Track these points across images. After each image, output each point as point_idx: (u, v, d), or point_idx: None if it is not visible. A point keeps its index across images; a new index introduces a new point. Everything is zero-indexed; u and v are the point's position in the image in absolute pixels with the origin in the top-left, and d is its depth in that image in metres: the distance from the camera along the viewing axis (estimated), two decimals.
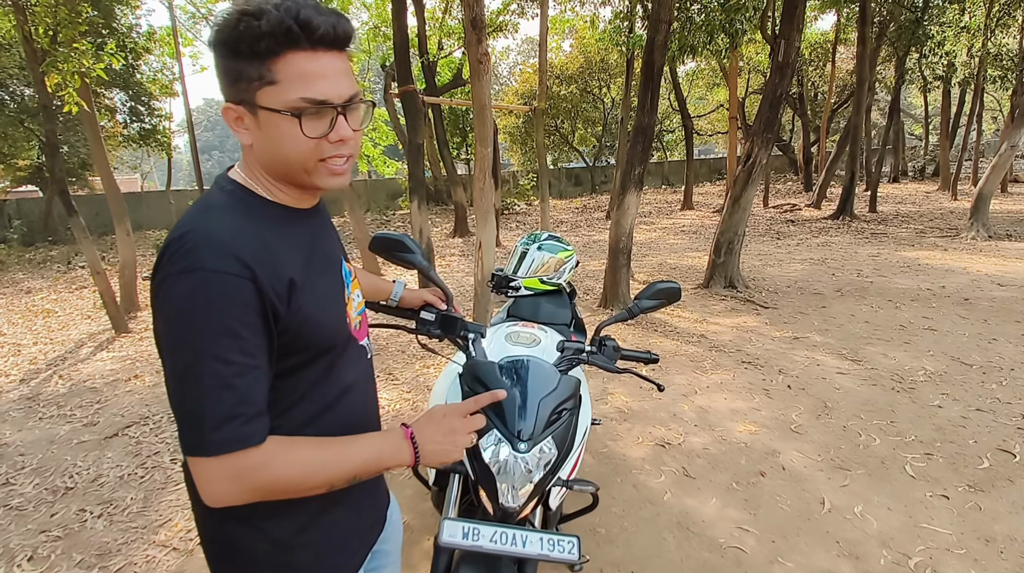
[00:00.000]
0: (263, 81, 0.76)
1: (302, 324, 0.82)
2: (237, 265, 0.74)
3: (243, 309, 0.74)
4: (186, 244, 0.74)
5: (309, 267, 0.85)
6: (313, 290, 0.84)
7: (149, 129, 16.89)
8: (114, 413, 3.82)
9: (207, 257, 0.73)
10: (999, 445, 2.88)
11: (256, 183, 0.85)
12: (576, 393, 1.37)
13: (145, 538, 2.45)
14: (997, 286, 5.99)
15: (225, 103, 0.80)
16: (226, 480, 0.75)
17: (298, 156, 0.80)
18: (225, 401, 0.73)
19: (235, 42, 0.75)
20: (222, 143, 59.42)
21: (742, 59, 17.22)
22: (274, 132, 0.79)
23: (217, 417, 0.72)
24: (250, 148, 0.83)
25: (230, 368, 0.73)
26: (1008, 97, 15.77)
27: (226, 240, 0.75)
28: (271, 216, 0.84)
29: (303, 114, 0.77)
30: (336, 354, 0.91)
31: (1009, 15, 13.52)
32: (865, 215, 12.39)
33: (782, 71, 5.84)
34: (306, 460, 0.81)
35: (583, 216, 15.78)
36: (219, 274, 0.73)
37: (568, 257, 2.43)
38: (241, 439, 0.74)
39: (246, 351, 0.74)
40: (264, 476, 0.77)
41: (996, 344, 4.29)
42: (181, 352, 0.73)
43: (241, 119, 0.80)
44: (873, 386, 3.66)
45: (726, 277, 6.32)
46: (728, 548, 2.22)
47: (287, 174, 0.84)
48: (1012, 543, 2.18)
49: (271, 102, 0.77)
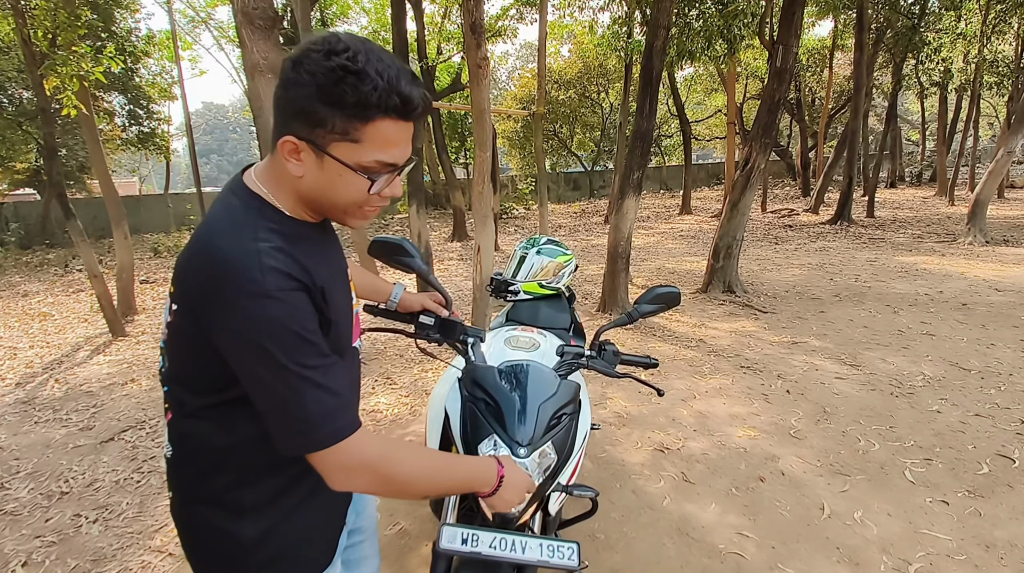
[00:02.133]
0: (346, 137, 0.80)
1: (331, 330, 0.90)
2: (292, 282, 0.81)
3: (307, 318, 0.82)
4: (240, 268, 0.79)
5: (331, 278, 0.91)
6: (335, 299, 0.91)
7: (148, 132, 16.87)
8: (110, 417, 3.80)
9: (267, 280, 0.78)
10: (998, 450, 2.88)
11: (276, 197, 0.88)
12: (576, 398, 1.36)
13: (141, 544, 2.43)
14: (995, 291, 6.00)
15: (285, 135, 0.81)
16: (352, 466, 0.85)
17: (347, 202, 0.87)
18: (323, 400, 0.82)
19: (328, 92, 0.77)
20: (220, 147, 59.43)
21: (740, 65, 17.28)
22: (335, 178, 0.84)
23: (321, 415, 0.82)
24: (292, 177, 0.85)
25: (317, 372, 0.82)
26: (1004, 103, 15.87)
27: (274, 261, 0.80)
28: (290, 232, 0.87)
29: (372, 174, 0.84)
30: (340, 354, 0.97)
31: (1005, 22, 13.62)
32: (863, 220, 12.42)
33: (780, 77, 5.86)
34: (419, 461, 0.92)
35: (581, 220, 15.80)
36: (282, 292, 0.79)
37: (567, 261, 2.42)
38: (346, 427, 0.84)
39: (320, 353, 0.83)
40: (386, 468, 0.87)
41: (994, 349, 4.29)
42: (272, 368, 0.80)
43: (298, 153, 0.82)
44: (872, 391, 3.66)
45: (725, 282, 6.33)
46: (728, 554, 2.21)
47: (323, 207, 0.89)
48: (1012, 549, 2.18)
49: (346, 157, 0.81)
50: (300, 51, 0.79)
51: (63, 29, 5.28)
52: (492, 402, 1.28)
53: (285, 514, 0.95)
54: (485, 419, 1.26)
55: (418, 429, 3.39)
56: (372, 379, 4.24)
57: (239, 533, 0.93)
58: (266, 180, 0.88)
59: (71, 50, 5.31)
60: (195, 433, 0.93)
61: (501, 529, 1.20)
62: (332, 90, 0.77)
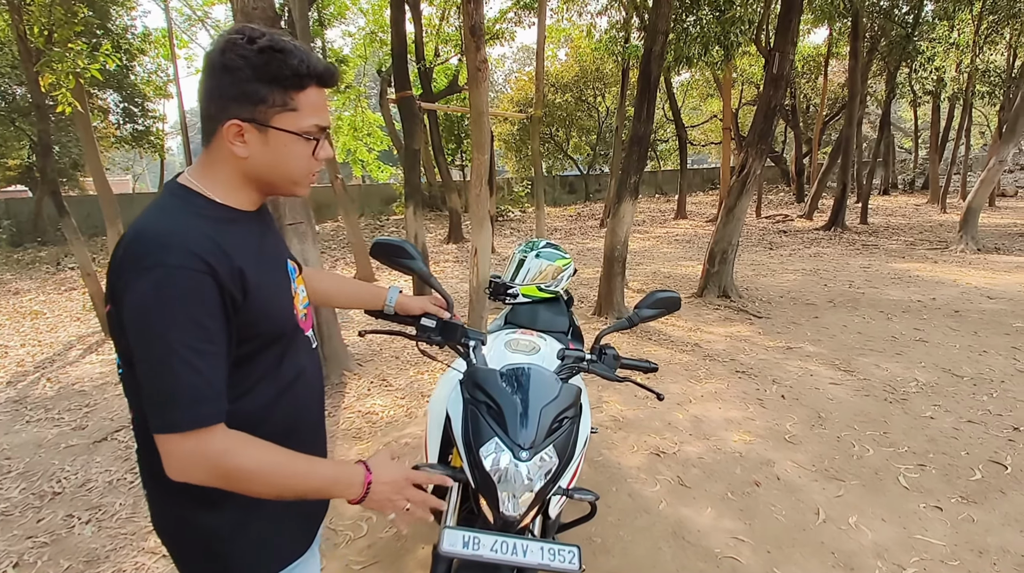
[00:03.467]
0: (286, 108, 0.88)
1: (256, 313, 0.90)
2: (196, 261, 0.81)
3: (204, 301, 0.82)
4: (146, 243, 0.82)
5: (258, 262, 0.92)
6: (263, 282, 0.92)
7: (142, 130, 16.78)
8: (103, 417, 3.77)
9: (168, 255, 0.80)
10: (991, 457, 2.90)
11: (209, 188, 0.92)
12: (577, 402, 1.37)
13: (134, 545, 2.41)
14: (987, 299, 6.06)
15: (228, 121, 0.87)
16: (193, 457, 0.82)
17: (299, 171, 0.94)
18: (195, 385, 0.81)
19: (263, 71, 0.85)
20: None
21: (736, 71, 17.39)
22: (281, 150, 0.91)
23: (188, 398, 0.80)
24: (237, 160, 0.90)
25: (197, 355, 0.81)
26: (996, 113, 16.04)
27: (183, 238, 0.82)
28: (218, 216, 0.90)
29: (313, 137, 0.92)
30: (286, 342, 1.00)
31: (997, 32, 13.78)
32: (856, 227, 12.51)
33: (776, 83, 5.90)
34: (267, 460, 0.88)
35: (577, 224, 15.83)
36: (181, 270, 0.80)
37: (566, 265, 2.43)
38: (209, 417, 0.82)
39: (209, 339, 0.82)
40: (226, 461, 0.84)
41: (986, 356, 4.33)
42: (154, 343, 0.80)
43: (242, 135, 0.88)
44: (866, 397, 3.68)
45: (720, 286, 6.35)
46: (724, 558, 2.21)
47: (272, 183, 0.95)
48: (1005, 555, 2.19)
49: (289, 126, 0.89)
50: (221, 43, 0.86)
51: (59, 26, 5.25)
52: (494, 405, 1.28)
53: (257, 504, 0.93)
54: (487, 422, 1.26)
55: (415, 431, 3.39)
56: (368, 381, 4.22)
57: (212, 525, 0.94)
58: (199, 176, 0.92)
59: (67, 47, 5.28)
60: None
61: (502, 532, 1.20)
62: (266, 68, 0.85)
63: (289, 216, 3.73)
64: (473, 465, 1.25)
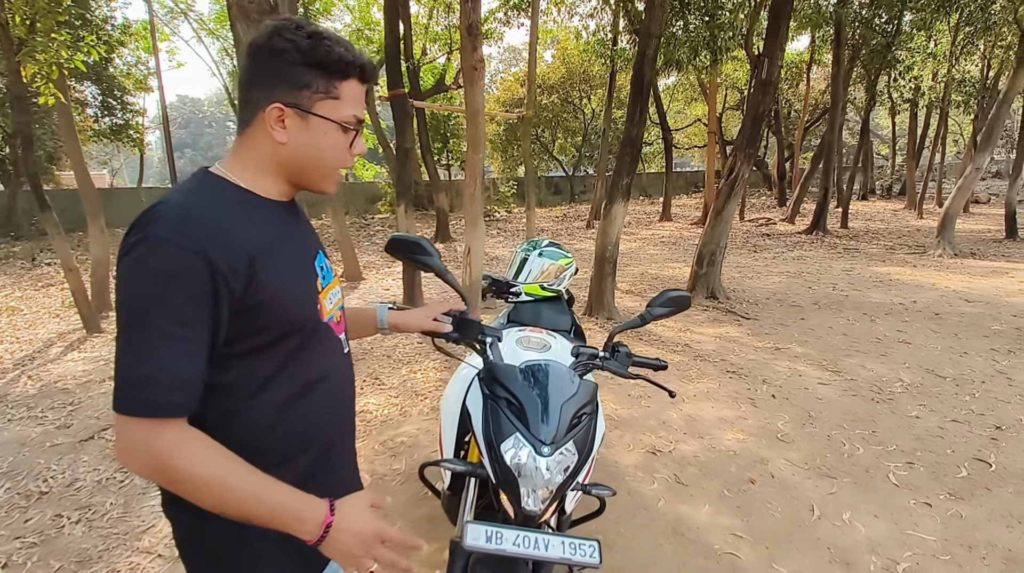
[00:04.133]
0: (328, 95, 0.88)
1: (266, 302, 0.84)
2: (187, 239, 0.77)
3: (186, 281, 0.77)
4: (148, 217, 0.80)
5: (273, 248, 0.88)
6: (276, 269, 0.87)
7: (121, 124, 16.42)
8: (88, 415, 3.68)
9: (161, 229, 0.78)
10: (975, 455, 2.99)
11: (237, 174, 0.90)
12: (595, 398, 1.38)
13: (127, 544, 2.36)
14: (965, 302, 6.22)
15: (271, 104, 0.86)
16: (133, 444, 0.78)
17: (332, 161, 0.93)
18: (146, 363, 0.76)
19: (310, 55, 0.86)
20: (195, 141, 58.17)
21: (721, 75, 17.62)
22: (320, 138, 0.90)
23: (135, 377, 0.76)
24: (274, 146, 0.89)
25: (157, 334, 0.76)
26: (970, 121, 16.48)
27: (183, 214, 0.80)
28: (239, 199, 0.88)
29: (352, 129, 0.92)
30: (305, 336, 0.93)
31: (972, 44, 14.15)
32: (837, 231, 12.75)
33: (765, 88, 6.00)
34: (214, 469, 0.79)
35: (563, 225, 15.88)
36: (168, 245, 0.77)
37: (568, 264, 2.44)
38: (151, 406, 0.76)
39: (181, 321, 0.77)
40: (166, 459, 0.77)
41: (967, 357, 4.45)
42: (121, 311, 0.79)
43: (283, 120, 0.87)
44: (854, 397, 3.76)
45: (708, 288, 6.43)
46: (723, 554, 2.25)
47: (305, 173, 0.93)
48: (993, 549, 2.26)
49: (330, 114, 0.89)
50: (270, 28, 0.86)
51: (42, 15, 5.12)
52: (515, 401, 1.29)
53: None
54: (508, 417, 1.27)
55: (410, 429, 3.37)
56: (360, 379, 4.19)
57: (216, 532, 0.89)
58: (229, 162, 0.91)
59: (50, 37, 5.15)
60: None
61: (523, 527, 1.21)
62: (314, 53, 0.85)
63: None
64: (494, 460, 1.25)
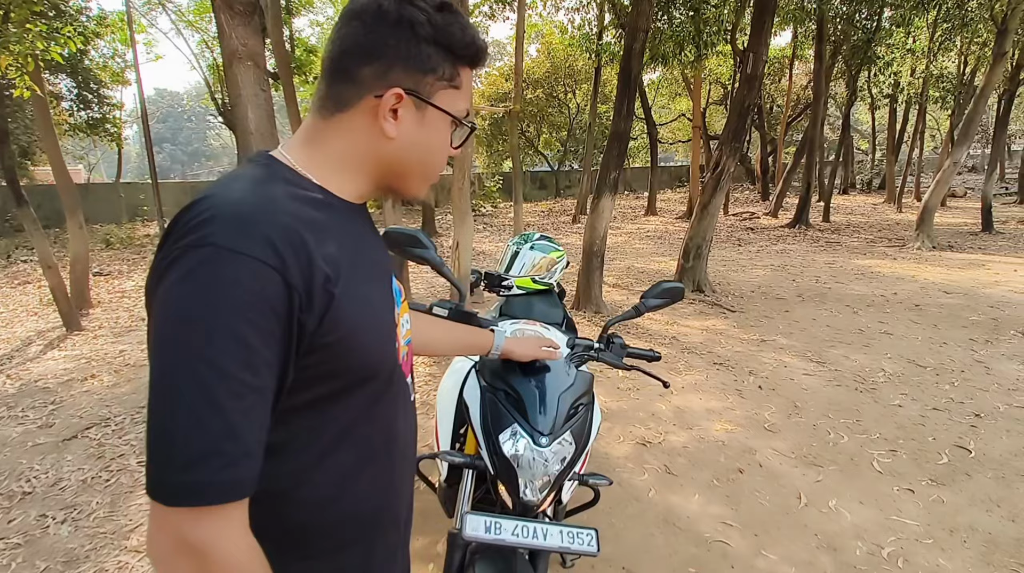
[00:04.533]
0: (450, 83, 0.71)
1: (341, 340, 0.64)
2: (262, 247, 0.57)
3: (260, 307, 0.56)
4: (200, 214, 0.58)
5: (354, 268, 0.67)
6: (354, 295, 0.66)
7: (98, 118, 16.09)
8: (71, 414, 3.62)
9: (223, 231, 0.56)
10: (955, 442, 3.06)
11: (306, 164, 0.69)
12: (591, 389, 1.39)
13: (115, 544, 2.33)
14: (944, 294, 6.36)
15: (391, 88, 0.67)
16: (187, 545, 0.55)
17: (438, 163, 0.76)
18: (208, 430, 0.54)
19: (443, 32, 0.68)
20: (174, 136, 57.12)
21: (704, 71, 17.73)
22: (433, 135, 0.73)
23: (193, 452, 0.53)
24: (374, 140, 0.70)
25: (225, 383, 0.54)
26: (947, 117, 16.79)
27: (252, 213, 0.59)
28: (309, 197, 0.66)
29: (467, 125, 0.75)
30: (380, 387, 0.72)
31: (950, 40, 14.40)
32: (819, 224, 12.94)
33: (750, 83, 6.05)
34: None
35: (549, 219, 15.90)
36: (235, 254, 0.55)
37: (560, 257, 2.44)
38: (218, 489, 0.55)
39: (252, 365, 0.56)
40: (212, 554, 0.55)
41: (947, 347, 4.55)
42: (165, 351, 0.56)
43: (396, 110, 0.69)
44: (838, 387, 3.83)
45: (694, 281, 6.49)
46: (714, 542, 2.28)
47: (402, 177, 0.74)
48: (974, 533, 2.32)
49: (448, 106, 0.72)
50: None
51: (17, 4, 4.98)
52: (513, 392, 1.29)
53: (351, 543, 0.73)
54: (506, 409, 1.27)
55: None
56: None
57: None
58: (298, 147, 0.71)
59: (25, 27, 5.02)
60: None
61: (522, 517, 1.21)
62: (447, 31, 0.68)
63: None
64: (492, 452, 1.26)
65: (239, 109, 3.58)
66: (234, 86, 3.53)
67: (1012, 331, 4.90)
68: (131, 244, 11.54)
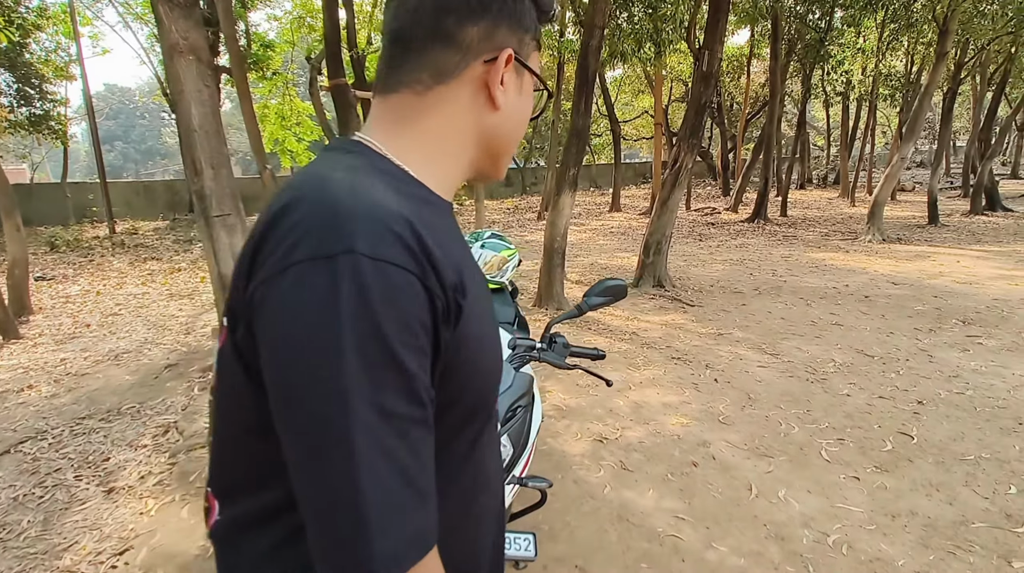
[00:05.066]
0: (536, 44, 0.63)
1: (467, 360, 0.54)
2: (400, 251, 0.47)
3: (411, 324, 0.47)
4: (318, 215, 0.48)
5: (472, 279, 0.57)
6: (477, 311, 0.55)
7: (40, 115, 15.33)
8: (4, 427, 3.43)
9: (359, 234, 0.46)
10: (899, 429, 3.17)
11: (410, 159, 0.59)
12: (530, 391, 1.37)
13: (47, 564, 2.21)
14: (892, 285, 6.59)
15: (504, 48, 0.58)
16: None
17: (519, 138, 0.66)
18: (388, 479, 0.45)
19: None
20: (126, 133, 54.93)
21: (666, 68, 17.97)
22: (527, 103, 0.64)
23: (381, 507, 0.45)
24: (473, 116, 0.60)
25: (393, 423, 0.46)
26: (896, 114, 17.44)
27: (384, 211, 0.49)
28: (417, 195, 0.56)
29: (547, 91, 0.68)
30: (484, 419, 0.62)
31: (897, 40, 14.93)
32: (777, 219, 13.28)
33: (707, 80, 6.14)
34: None
35: (515, 217, 15.90)
36: (377, 263, 0.46)
37: (511, 255, 2.42)
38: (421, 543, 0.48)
39: (414, 393, 0.47)
40: None
41: (893, 337, 4.72)
42: (312, 396, 0.45)
43: (502, 78, 0.59)
44: (790, 378, 3.92)
45: (655, 276, 6.57)
46: (666, 537, 2.30)
47: (498, 155, 0.65)
48: (913, 517, 2.40)
49: (537, 70, 0.63)
50: None
51: None
52: None
53: None
54: None
55: None
56: None
57: None
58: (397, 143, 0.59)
59: None
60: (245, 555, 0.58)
61: None
62: None
63: (216, 207, 3.53)
64: None
65: (181, 105, 3.44)
66: (175, 81, 3.40)
67: (954, 320, 5.11)
68: (78, 247, 11.04)
